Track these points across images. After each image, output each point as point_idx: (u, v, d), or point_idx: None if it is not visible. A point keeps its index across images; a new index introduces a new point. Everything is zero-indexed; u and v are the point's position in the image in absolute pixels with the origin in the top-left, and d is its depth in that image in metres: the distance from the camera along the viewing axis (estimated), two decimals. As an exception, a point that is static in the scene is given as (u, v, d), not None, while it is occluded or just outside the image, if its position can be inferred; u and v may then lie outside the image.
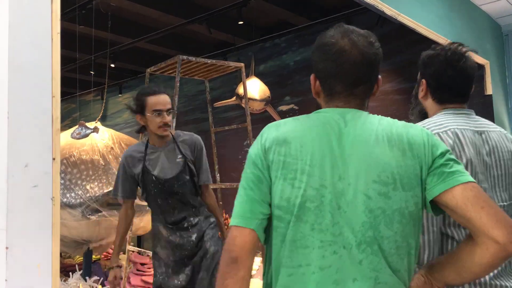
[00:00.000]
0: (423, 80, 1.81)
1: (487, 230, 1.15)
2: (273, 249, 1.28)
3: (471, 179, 1.22)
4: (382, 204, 1.19)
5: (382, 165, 1.20)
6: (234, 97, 6.08)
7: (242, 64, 4.23)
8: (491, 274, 1.50)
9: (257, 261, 6.63)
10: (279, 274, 1.25)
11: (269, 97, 5.85)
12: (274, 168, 1.24)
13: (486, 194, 1.22)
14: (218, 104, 6.50)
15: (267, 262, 1.32)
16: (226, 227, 7.50)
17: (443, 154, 1.25)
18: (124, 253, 7.19)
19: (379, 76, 1.38)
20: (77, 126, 5.64)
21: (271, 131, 1.29)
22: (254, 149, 1.30)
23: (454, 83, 1.83)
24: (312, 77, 1.39)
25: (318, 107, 1.42)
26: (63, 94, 9.31)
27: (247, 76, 6.07)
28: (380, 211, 1.19)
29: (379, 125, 1.28)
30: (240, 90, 5.84)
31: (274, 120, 6.68)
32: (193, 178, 2.91)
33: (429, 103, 1.84)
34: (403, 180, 1.20)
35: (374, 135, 1.24)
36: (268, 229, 1.29)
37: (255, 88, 5.78)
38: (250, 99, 5.66)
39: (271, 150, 1.25)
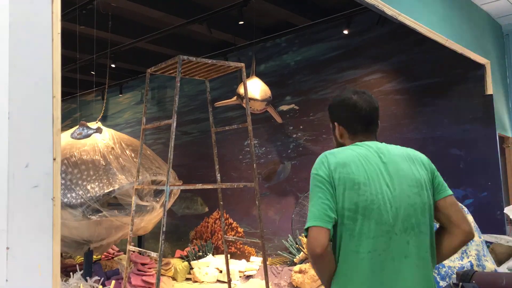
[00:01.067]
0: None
1: (459, 224, 1.84)
2: (342, 241, 1.75)
3: (450, 191, 1.90)
4: (417, 200, 1.79)
5: (411, 175, 1.83)
6: (235, 97, 6.08)
7: (243, 64, 4.23)
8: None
9: (258, 261, 6.63)
10: (348, 259, 1.74)
11: (270, 97, 5.85)
12: (341, 182, 1.75)
13: (457, 202, 1.91)
14: (219, 103, 6.50)
15: (336, 252, 1.78)
16: (226, 227, 7.49)
17: (436, 170, 1.94)
18: (125, 253, 7.19)
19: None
20: (77, 127, 5.64)
21: (331, 158, 1.81)
22: (322, 170, 1.79)
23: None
24: (335, 125, 1.98)
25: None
26: (64, 94, 9.31)
27: (248, 76, 6.07)
28: (417, 205, 1.79)
29: (397, 149, 1.92)
30: (241, 90, 5.83)
31: (274, 120, 6.69)
32: None
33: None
34: (425, 184, 1.84)
35: (399, 156, 1.87)
36: (335, 227, 1.75)
37: (256, 88, 5.77)
38: (251, 99, 5.65)
39: (336, 170, 1.76)
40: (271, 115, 6.51)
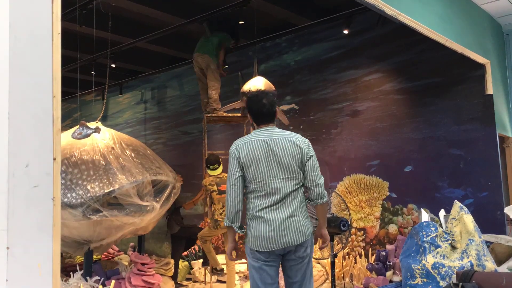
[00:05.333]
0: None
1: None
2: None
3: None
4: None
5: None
6: (240, 101, 6.05)
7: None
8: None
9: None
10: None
11: (275, 91, 5.80)
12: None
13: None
14: (225, 108, 6.44)
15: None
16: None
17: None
18: (125, 253, 7.19)
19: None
20: (78, 126, 5.64)
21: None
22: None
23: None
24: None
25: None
26: (64, 94, 9.31)
27: (251, 77, 6.06)
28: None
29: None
30: (244, 88, 5.82)
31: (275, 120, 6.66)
32: None
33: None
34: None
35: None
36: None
37: (259, 82, 5.76)
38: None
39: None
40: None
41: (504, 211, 4.70)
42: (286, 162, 2.84)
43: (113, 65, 7.40)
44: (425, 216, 4.05)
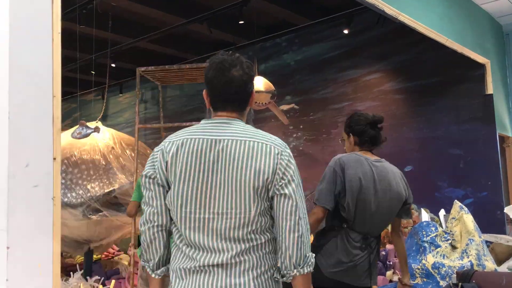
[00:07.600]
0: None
1: None
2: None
3: None
4: None
5: None
6: None
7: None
8: None
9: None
10: None
11: (274, 90, 5.80)
12: None
13: None
14: None
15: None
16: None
17: None
18: (125, 253, 7.19)
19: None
20: (77, 126, 5.64)
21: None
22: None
23: None
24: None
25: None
26: (64, 94, 9.29)
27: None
28: None
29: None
30: None
31: (274, 120, 6.67)
32: None
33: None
34: None
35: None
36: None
37: (259, 82, 5.77)
38: (256, 91, 5.64)
39: None
40: (274, 114, 6.48)
41: (504, 211, 4.70)
42: (243, 185, 1.50)
43: (113, 65, 7.40)
44: (425, 215, 4.05)
